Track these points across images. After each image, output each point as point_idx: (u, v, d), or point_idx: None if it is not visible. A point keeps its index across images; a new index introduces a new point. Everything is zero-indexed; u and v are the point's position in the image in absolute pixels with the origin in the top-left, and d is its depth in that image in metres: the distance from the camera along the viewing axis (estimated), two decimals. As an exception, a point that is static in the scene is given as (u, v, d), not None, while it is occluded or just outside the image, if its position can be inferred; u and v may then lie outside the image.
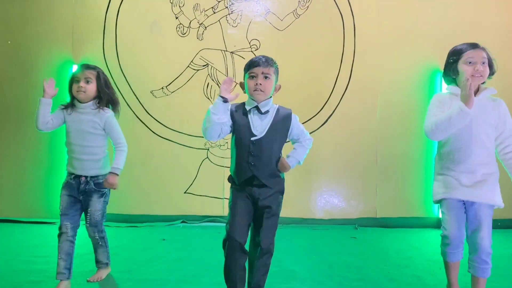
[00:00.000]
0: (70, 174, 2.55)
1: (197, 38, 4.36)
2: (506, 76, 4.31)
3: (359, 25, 4.36)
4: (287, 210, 4.17)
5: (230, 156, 2.32)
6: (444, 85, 2.68)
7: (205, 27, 4.36)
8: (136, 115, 4.36)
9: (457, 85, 2.26)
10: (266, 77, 2.17)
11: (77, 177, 2.53)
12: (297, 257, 3.24)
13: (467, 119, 2.10)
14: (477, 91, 2.23)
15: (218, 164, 4.37)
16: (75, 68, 4.26)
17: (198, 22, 4.35)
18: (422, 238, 3.93)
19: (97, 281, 2.63)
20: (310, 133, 4.25)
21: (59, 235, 2.47)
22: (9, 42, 4.33)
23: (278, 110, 2.23)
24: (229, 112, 2.17)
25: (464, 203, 2.22)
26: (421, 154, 4.33)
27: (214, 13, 4.36)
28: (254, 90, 2.16)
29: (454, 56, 2.27)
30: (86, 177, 2.52)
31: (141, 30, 4.37)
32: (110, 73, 4.33)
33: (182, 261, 3.12)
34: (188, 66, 4.36)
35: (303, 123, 4.26)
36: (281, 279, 2.75)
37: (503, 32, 4.37)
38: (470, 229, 2.22)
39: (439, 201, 2.29)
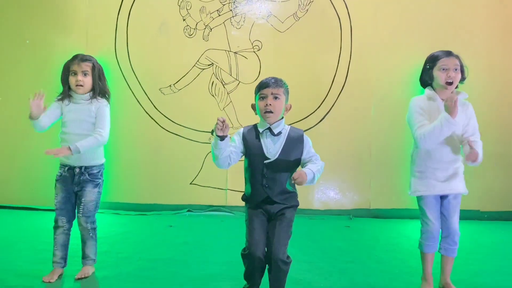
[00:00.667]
0: (64, 166, 2.56)
1: (203, 39, 4.63)
2: (496, 73, 4.58)
3: (355, 27, 4.61)
4: (286, 201, 4.46)
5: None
6: None
7: (211, 29, 4.62)
8: (146, 111, 4.63)
9: (433, 88, 2.51)
10: (276, 98, 2.19)
11: (71, 168, 2.53)
12: (294, 242, 3.47)
13: (454, 128, 2.34)
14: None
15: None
16: (89, 66, 4.55)
17: (204, 24, 4.62)
18: (411, 228, 4.17)
19: (85, 277, 2.56)
20: (308, 129, 4.57)
21: (55, 228, 2.54)
22: (27, 41, 4.61)
23: (290, 131, 2.24)
24: (239, 138, 2.23)
25: (440, 197, 2.48)
26: (412, 150, 4.58)
27: (219, 15, 4.62)
28: (264, 112, 2.18)
29: (430, 62, 2.52)
30: (80, 168, 2.52)
31: (151, 31, 4.64)
32: (122, 71, 4.61)
33: (187, 244, 3.41)
34: (194, 65, 4.62)
35: (301, 120, 4.58)
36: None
37: (495, 33, 4.60)
38: (445, 216, 2.48)
39: (418, 197, 2.53)
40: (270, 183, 2.16)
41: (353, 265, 2.98)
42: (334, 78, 4.62)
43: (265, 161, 2.16)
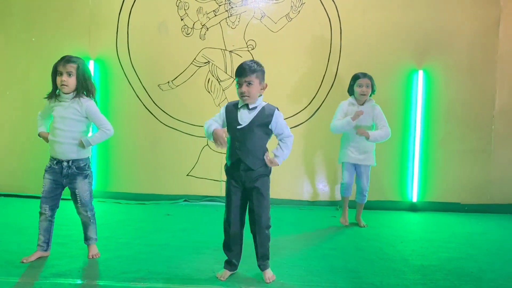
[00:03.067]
0: (53, 159, 2.77)
1: (200, 38, 4.85)
2: (476, 72, 4.81)
3: (345, 29, 4.82)
4: (277, 192, 4.73)
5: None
6: (420, 85, 4.70)
7: (207, 28, 4.85)
8: (145, 106, 4.87)
9: (355, 97, 3.92)
10: (249, 84, 2.52)
11: (60, 162, 2.74)
12: (282, 231, 3.77)
13: (351, 126, 3.80)
14: (364, 102, 3.89)
15: (217, 150, 4.88)
16: (91, 63, 4.78)
17: (201, 24, 4.84)
18: (393, 219, 4.45)
19: (97, 257, 2.88)
20: (299, 125, 4.83)
21: (40, 214, 2.79)
22: (33, 39, 4.84)
23: (264, 106, 2.59)
24: (222, 113, 2.64)
25: (355, 165, 3.95)
26: (397, 146, 4.82)
27: (215, 15, 4.84)
28: (241, 96, 2.56)
29: (353, 80, 3.93)
30: (68, 161, 2.73)
31: (150, 30, 4.85)
32: (123, 68, 4.83)
33: (184, 231, 3.68)
34: (192, 63, 4.85)
35: (292, 116, 4.83)
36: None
37: (475, 35, 4.82)
38: (358, 179, 3.99)
39: (341, 163, 4.01)
40: (241, 146, 2.55)
41: (334, 252, 3.23)
42: (324, 77, 4.85)
43: (237, 127, 2.56)
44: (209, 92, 4.86)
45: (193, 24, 4.83)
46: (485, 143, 4.84)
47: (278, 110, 2.62)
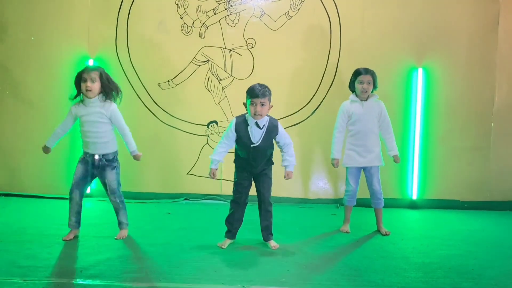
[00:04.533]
0: (86, 152, 3.19)
1: (199, 37, 4.85)
2: (475, 69, 4.81)
3: (344, 27, 4.82)
4: (279, 191, 4.74)
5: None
6: (420, 82, 4.66)
7: (207, 27, 4.85)
8: (145, 105, 4.87)
9: (356, 94, 3.70)
10: (262, 105, 3.05)
11: (91, 155, 3.15)
12: (283, 228, 3.78)
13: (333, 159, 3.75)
14: (368, 98, 3.67)
15: (217, 149, 4.89)
16: (91, 62, 4.77)
17: (200, 22, 4.84)
18: (393, 216, 4.45)
19: (122, 238, 3.29)
20: (299, 123, 4.84)
21: (70, 199, 3.18)
22: (32, 38, 4.83)
23: (269, 121, 3.14)
24: (232, 132, 3.14)
25: (362, 169, 3.70)
26: (397, 144, 4.77)
27: (215, 14, 4.84)
28: (254, 114, 3.05)
29: (354, 76, 3.69)
30: (99, 155, 3.14)
31: (150, 29, 4.85)
32: (122, 67, 4.83)
33: (185, 230, 3.69)
34: (191, 61, 4.85)
35: (292, 114, 4.83)
36: (264, 244, 3.30)
37: (475, 32, 4.83)
38: (368, 183, 3.73)
39: (346, 167, 3.74)
40: (255, 159, 3.14)
41: (335, 250, 3.25)
42: (323, 75, 4.85)
43: (251, 145, 3.11)
44: (209, 90, 4.87)
45: (193, 23, 4.83)
46: (485, 140, 4.85)
47: (278, 121, 3.20)
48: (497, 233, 3.93)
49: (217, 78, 4.85)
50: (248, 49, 4.84)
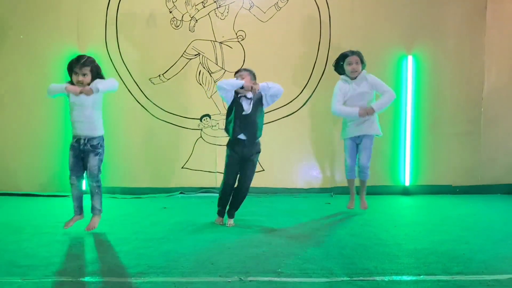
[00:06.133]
0: (74, 137, 3.30)
1: (189, 30, 4.84)
2: (465, 55, 4.85)
3: (334, 16, 4.84)
4: (272, 181, 4.78)
5: (221, 135, 3.69)
6: (410, 70, 4.75)
7: (196, 20, 4.83)
8: (137, 100, 4.87)
9: (346, 75, 3.88)
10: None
11: (78, 140, 3.28)
12: (277, 219, 3.83)
13: (354, 117, 3.81)
14: (356, 76, 3.84)
15: (211, 142, 4.91)
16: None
17: (189, 16, 4.83)
18: (386, 203, 4.53)
19: (91, 230, 3.32)
20: (292, 113, 4.87)
21: (70, 185, 3.34)
22: (21, 36, 4.80)
23: (257, 95, 3.54)
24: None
25: (357, 139, 3.87)
26: (389, 131, 4.88)
27: (204, 7, 4.82)
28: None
29: (341, 59, 3.90)
30: (84, 139, 3.26)
31: (139, 23, 4.83)
32: (112, 62, 4.83)
33: (180, 224, 3.72)
34: (182, 55, 4.85)
35: (285, 105, 4.86)
36: (261, 235, 3.36)
37: (463, 18, 4.87)
38: (359, 153, 3.91)
39: (343, 139, 3.95)
40: (246, 126, 3.46)
41: (329, 239, 3.30)
42: (314, 65, 4.88)
43: (243, 113, 3.46)
44: (200, 84, 4.87)
45: (182, 16, 4.82)
46: (475, 126, 4.92)
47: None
48: (488, 216, 4.01)
49: (208, 72, 4.86)
50: (238, 41, 4.84)
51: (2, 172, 4.95)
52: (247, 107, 3.48)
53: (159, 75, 4.86)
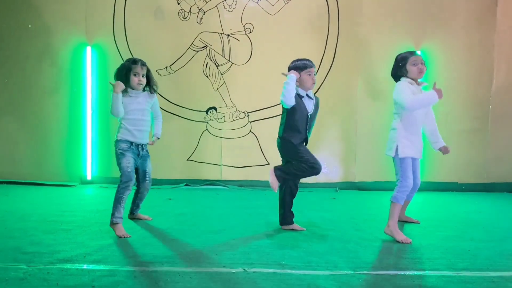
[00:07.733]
0: (131, 142, 3.26)
1: (197, 22, 4.83)
2: (474, 52, 4.81)
3: (342, 9, 4.81)
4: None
5: (227, 128, 3.34)
6: None
7: (204, 12, 4.82)
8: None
9: (410, 78, 3.24)
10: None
11: (137, 145, 3.27)
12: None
13: (433, 103, 3.16)
14: (417, 84, 3.23)
15: (216, 135, 4.92)
16: (89, 49, 4.76)
17: (197, 8, 4.81)
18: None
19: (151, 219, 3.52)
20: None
21: (126, 189, 3.15)
22: (29, 26, 4.81)
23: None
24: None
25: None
26: (395, 126, 4.86)
27: (212, -1, 4.82)
28: (312, 84, 3.26)
29: (403, 60, 3.28)
30: (142, 145, 3.31)
31: (147, 15, 4.83)
32: (120, 54, 4.83)
33: (185, 215, 3.74)
34: (189, 47, 4.84)
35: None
36: (264, 228, 3.37)
37: (473, 14, 4.82)
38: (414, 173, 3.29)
39: (401, 158, 3.19)
40: (310, 127, 3.33)
41: (334, 233, 3.30)
42: (322, 59, 4.86)
43: (308, 113, 3.30)
44: (207, 76, 4.87)
45: (190, 8, 4.80)
46: (482, 123, 4.89)
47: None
48: (493, 214, 3.98)
49: (215, 64, 4.85)
50: (246, 34, 4.82)
51: (9, 161, 4.98)
52: (310, 108, 3.30)
53: (166, 67, 4.85)
